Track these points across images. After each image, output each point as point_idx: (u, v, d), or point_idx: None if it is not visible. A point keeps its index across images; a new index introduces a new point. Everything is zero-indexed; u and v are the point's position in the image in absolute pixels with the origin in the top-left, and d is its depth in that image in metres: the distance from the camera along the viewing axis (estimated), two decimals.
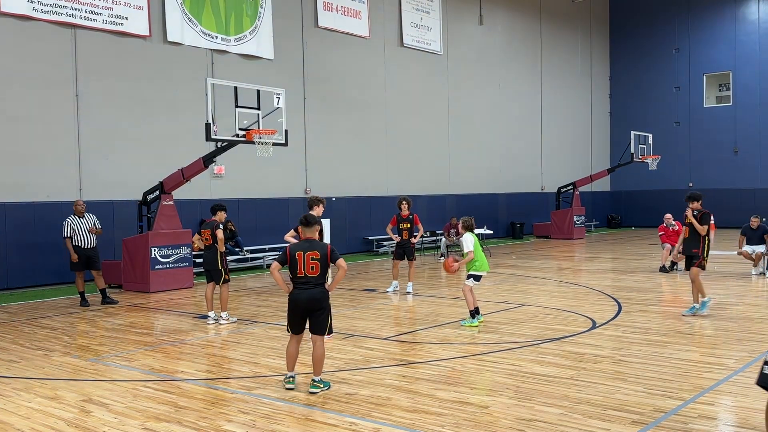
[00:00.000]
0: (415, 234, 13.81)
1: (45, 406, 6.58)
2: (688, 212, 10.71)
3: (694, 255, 10.65)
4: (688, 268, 10.88)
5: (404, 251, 13.80)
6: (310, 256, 6.84)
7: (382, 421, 5.95)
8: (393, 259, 14.20)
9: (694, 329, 9.61)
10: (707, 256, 10.64)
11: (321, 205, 10.36)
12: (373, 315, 11.53)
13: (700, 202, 10.80)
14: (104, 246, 16.33)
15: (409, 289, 13.68)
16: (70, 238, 12.83)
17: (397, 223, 13.86)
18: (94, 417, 6.24)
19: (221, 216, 11.14)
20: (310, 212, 9.91)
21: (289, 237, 10.58)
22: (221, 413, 6.29)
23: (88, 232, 12.97)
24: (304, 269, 6.84)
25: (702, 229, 10.52)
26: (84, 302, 12.90)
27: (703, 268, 10.61)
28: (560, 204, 28.99)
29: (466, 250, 10.06)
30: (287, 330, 7.08)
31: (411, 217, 13.73)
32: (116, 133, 17.22)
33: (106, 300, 13.01)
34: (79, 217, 12.95)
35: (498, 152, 29.37)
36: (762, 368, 3.28)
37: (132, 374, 7.80)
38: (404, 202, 13.79)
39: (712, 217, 10.83)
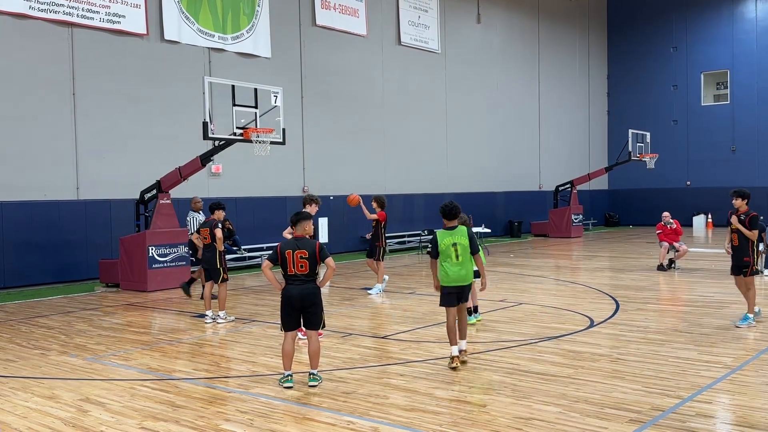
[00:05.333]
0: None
1: (42, 406, 6.57)
2: (734, 219, 9.53)
3: (745, 264, 9.55)
4: (737, 274, 9.69)
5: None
6: (298, 254, 6.93)
7: (380, 419, 5.95)
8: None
9: (692, 328, 9.61)
10: (757, 262, 9.67)
11: (315, 204, 10.45)
12: (370, 314, 11.53)
13: (746, 200, 9.49)
14: (102, 245, 16.35)
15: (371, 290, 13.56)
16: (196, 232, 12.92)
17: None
18: (92, 416, 6.23)
19: (220, 215, 11.13)
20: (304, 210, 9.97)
21: (287, 234, 10.63)
22: (219, 412, 6.28)
23: None
24: (293, 267, 6.93)
25: (752, 235, 9.39)
26: (188, 290, 12.68)
27: (757, 273, 9.63)
28: (558, 202, 28.99)
29: None
30: (281, 329, 7.13)
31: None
32: (113, 132, 17.18)
33: (188, 288, 12.84)
34: (197, 214, 13.05)
35: (496, 151, 29.36)
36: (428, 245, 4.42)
37: (129, 373, 7.79)
38: (373, 202, 13.94)
39: (761, 221, 9.50)
